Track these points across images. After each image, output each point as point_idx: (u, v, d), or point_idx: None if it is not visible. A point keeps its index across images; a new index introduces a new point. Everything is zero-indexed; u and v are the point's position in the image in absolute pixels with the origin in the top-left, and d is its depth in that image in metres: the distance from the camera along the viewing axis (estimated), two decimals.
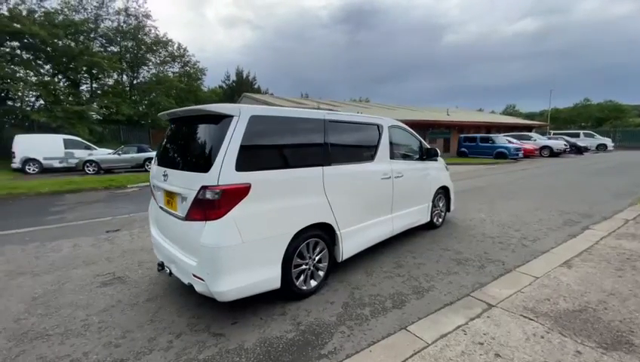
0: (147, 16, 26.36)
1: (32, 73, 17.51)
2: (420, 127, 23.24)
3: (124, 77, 28.68)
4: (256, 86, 48.08)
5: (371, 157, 3.73)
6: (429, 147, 4.89)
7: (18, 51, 16.98)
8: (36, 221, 6.17)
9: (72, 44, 20.76)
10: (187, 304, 2.95)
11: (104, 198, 8.69)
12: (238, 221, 2.41)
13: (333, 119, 3.31)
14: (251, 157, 2.53)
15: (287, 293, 2.88)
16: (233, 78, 44.44)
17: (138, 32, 25.95)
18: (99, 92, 25.84)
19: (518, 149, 19.01)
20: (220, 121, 2.52)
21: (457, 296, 3.02)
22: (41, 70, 18.98)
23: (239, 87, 41.58)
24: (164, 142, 3.22)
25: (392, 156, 4.05)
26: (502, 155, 19.07)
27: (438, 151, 5.05)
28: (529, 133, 24.37)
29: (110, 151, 15.64)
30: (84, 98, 23.77)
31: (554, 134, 28.28)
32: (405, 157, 4.40)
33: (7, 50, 17.17)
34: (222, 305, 2.84)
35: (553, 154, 20.98)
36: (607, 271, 3.39)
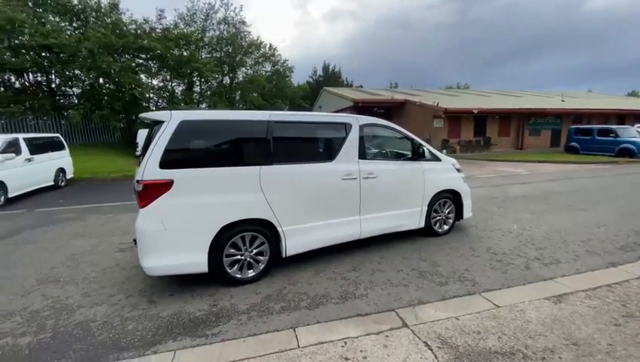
0: (243, 22, 29.73)
1: (153, 79, 22.28)
2: (517, 116, 19.86)
3: (227, 78, 33.11)
4: (342, 79, 49.03)
5: (330, 158, 3.68)
6: (428, 147, 4.41)
7: (143, 62, 21.80)
8: (127, 198, 8.04)
9: (185, 53, 25.24)
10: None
11: None
12: (160, 211, 2.86)
13: (281, 120, 3.42)
14: (177, 157, 2.94)
15: (219, 278, 3.22)
16: (320, 72, 46.30)
17: (235, 38, 29.50)
18: (207, 92, 30.72)
19: None
20: (158, 124, 2.99)
21: (381, 308, 2.82)
22: (161, 76, 23.92)
23: (325, 81, 43.03)
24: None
25: (363, 156, 3.87)
26: (627, 152, 14.67)
27: (435, 150, 4.49)
28: None
29: None
30: (196, 99, 28.64)
31: None
32: (386, 157, 4.12)
33: (141, 61, 22.25)
34: (174, 280, 3.39)
35: None
36: (604, 316, 2.58)
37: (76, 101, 19.97)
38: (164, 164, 2.87)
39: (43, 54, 16.77)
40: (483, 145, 19.61)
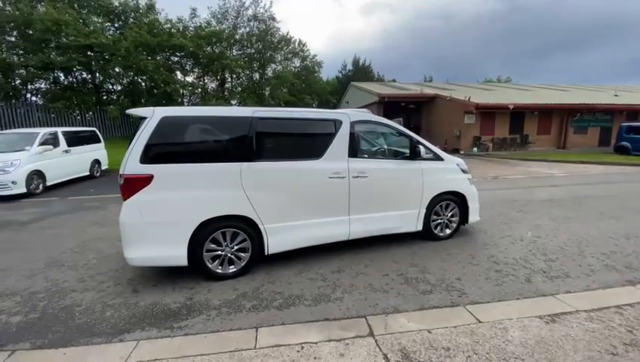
0: (272, 18, 30.04)
1: (187, 76, 23.36)
2: (560, 112, 18.23)
3: (257, 75, 33.75)
4: (373, 73, 48.06)
5: (317, 155, 3.57)
6: (428, 146, 4.15)
7: (178, 59, 22.89)
8: None
9: (217, 50, 26.07)
10: None
11: None
12: (140, 204, 2.96)
13: (265, 116, 3.38)
14: (158, 152, 3.01)
15: (201, 273, 3.28)
16: (350, 67, 45.65)
17: (265, 34, 29.90)
18: (239, 89, 31.58)
19: None
20: (143, 120, 3.08)
21: (352, 314, 2.70)
22: (193, 73, 24.98)
23: (354, 76, 42.39)
24: None
25: (354, 154, 3.72)
26: None
27: (437, 149, 4.21)
28: None
29: None
30: (227, 95, 29.58)
31: None
32: (381, 155, 3.93)
33: (176, 59, 23.37)
34: (163, 271, 3.51)
35: None
36: (602, 342, 2.26)
37: (116, 97, 21.45)
38: (145, 159, 2.96)
39: (88, 53, 18.17)
40: (519, 144, 18.24)
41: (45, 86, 19.81)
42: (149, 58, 19.11)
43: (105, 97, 22.41)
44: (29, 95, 19.44)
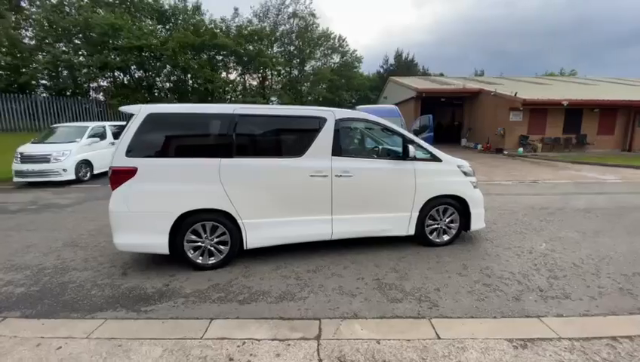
0: (312, 15, 30.25)
1: (228, 73, 24.60)
2: (627, 109, 15.91)
3: (296, 71, 34.26)
4: (418, 67, 46.14)
5: (298, 153, 3.54)
6: (424, 145, 3.90)
7: (222, 58, 24.16)
8: None
9: (259, 47, 26.98)
10: None
11: None
12: (125, 194, 3.20)
13: (246, 113, 3.44)
14: (142, 146, 3.22)
15: (182, 261, 3.46)
16: (391, 61, 44.24)
17: (305, 30, 30.22)
18: (279, 86, 32.39)
19: None
20: (131, 116, 3.32)
21: (309, 315, 2.67)
22: (236, 70, 26.23)
23: (395, 71, 41.02)
24: None
25: (339, 153, 3.63)
26: None
27: (434, 149, 3.92)
28: None
29: None
30: (267, 92, 30.54)
31: None
32: (370, 154, 3.78)
33: (220, 58, 24.69)
34: (156, 258, 3.77)
35: None
36: None
37: (164, 95, 23.29)
38: (130, 152, 3.18)
39: (141, 54, 19.96)
40: (575, 145, 16.25)
41: (105, 84, 22.19)
42: (194, 57, 20.41)
43: (156, 94, 24.48)
44: (92, 93, 21.94)
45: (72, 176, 8.73)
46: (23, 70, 17.36)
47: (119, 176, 3.20)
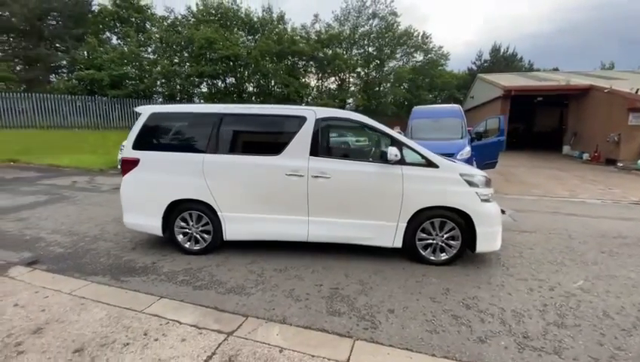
0: (394, 14, 29.20)
1: (305, 78, 25.90)
2: None
3: (374, 73, 33.67)
4: (522, 62, 40.13)
5: (276, 151, 3.58)
6: (417, 148, 3.47)
7: (304, 63, 25.61)
8: None
9: (338, 51, 27.57)
10: None
11: None
12: (131, 181, 3.79)
13: (232, 113, 3.66)
14: (145, 141, 3.76)
15: (174, 244, 3.91)
16: (486, 56, 39.34)
17: (386, 30, 29.43)
18: (357, 87, 32.50)
19: None
20: (139, 115, 3.90)
21: (242, 311, 2.72)
22: (314, 75, 27.39)
23: (490, 67, 36.39)
24: None
25: (317, 153, 3.54)
26: None
27: (429, 152, 3.41)
28: None
29: None
30: (346, 95, 30.96)
31: None
32: (353, 156, 3.56)
33: (302, 64, 26.24)
34: (162, 239, 4.34)
35: None
36: None
37: (252, 98, 25.98)
38: (136, 146, 3.76)
39: (230, 63, 22.76)
40: None
41: (205, 90, 26.02)
42: (274, 64, 22.23)
43: (245, 98, 27.50)
44: (195, 98, 26.01)
45: None
46: (145, 79, 21.81)
47: (127, 165, 3.82)
